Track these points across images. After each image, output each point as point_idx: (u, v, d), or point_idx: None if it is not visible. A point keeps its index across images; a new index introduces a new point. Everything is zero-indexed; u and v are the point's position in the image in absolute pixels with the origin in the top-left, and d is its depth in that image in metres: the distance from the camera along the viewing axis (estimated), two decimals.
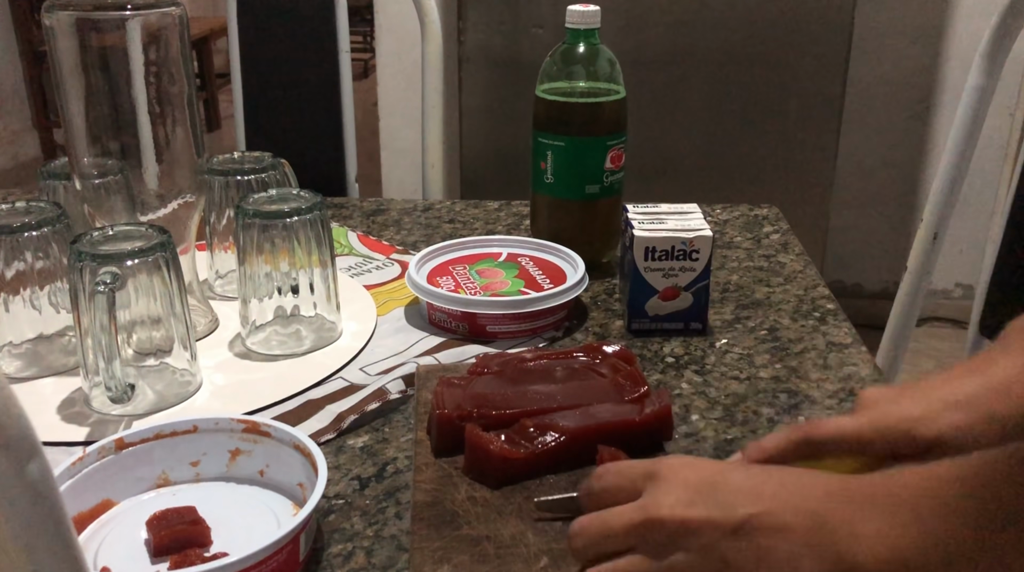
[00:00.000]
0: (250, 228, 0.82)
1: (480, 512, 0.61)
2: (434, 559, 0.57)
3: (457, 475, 0.66)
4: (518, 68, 2.02)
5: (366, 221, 1.20)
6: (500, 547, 0.58)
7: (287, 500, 0.64)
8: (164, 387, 0.77)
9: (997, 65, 1.10)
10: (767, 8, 1.96)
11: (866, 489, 0.46)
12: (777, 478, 0.49)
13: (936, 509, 0.42)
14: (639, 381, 0.72)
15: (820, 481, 0.48)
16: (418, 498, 0.63)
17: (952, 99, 2.42)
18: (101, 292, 0.68)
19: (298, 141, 1.63)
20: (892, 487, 0.45)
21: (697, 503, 0.48)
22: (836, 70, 2.00)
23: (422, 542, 0.59)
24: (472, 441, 0.66)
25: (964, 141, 1.14)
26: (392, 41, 2.47)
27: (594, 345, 0.78)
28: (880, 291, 2.62)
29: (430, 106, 1.53)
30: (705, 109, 2.05)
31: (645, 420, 0.68)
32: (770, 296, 0.98)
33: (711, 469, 0.51)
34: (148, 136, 0.81)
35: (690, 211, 0.91)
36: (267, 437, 0.65)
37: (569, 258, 0.96)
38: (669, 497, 0.49)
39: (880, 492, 0.45)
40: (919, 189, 2.53)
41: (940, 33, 2.40)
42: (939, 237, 1.18)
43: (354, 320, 0.90)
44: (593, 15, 0.98)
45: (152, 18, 0.78)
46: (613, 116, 1.00)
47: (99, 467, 0.63)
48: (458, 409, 0.68)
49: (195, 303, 0.87)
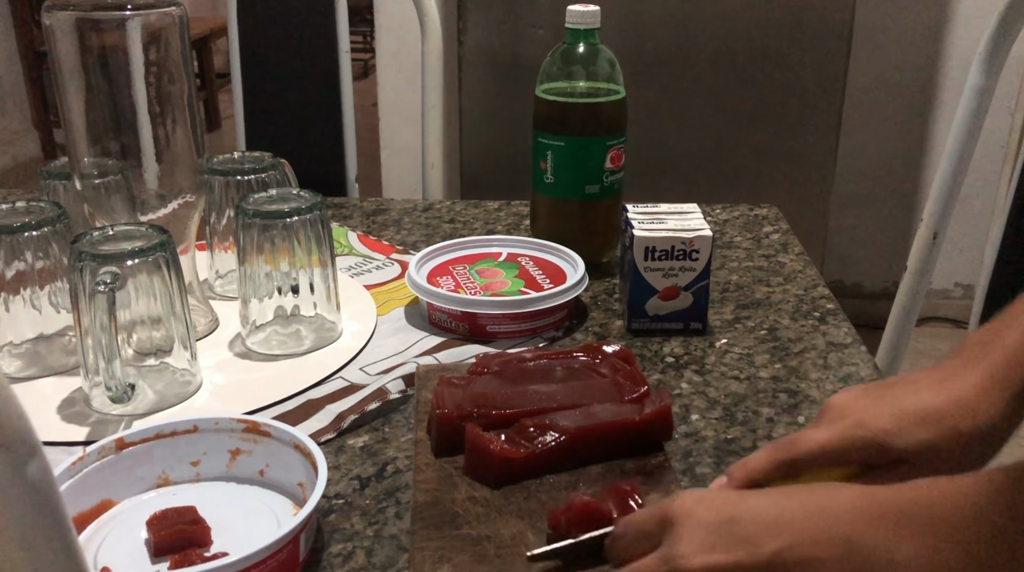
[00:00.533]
0: (250, 228, 0.82)
1: (480, 512, 0.62)
2: (434, 559, 0.57)
3: (457, 475, 0.66)
4: (518, 68, 2.02)
5: (366, 221, 1.20)
6: (500, 547, 0.58)
7: (287, 500, 0.64)
8: (164, 387, 0.77)
9: (997, 65, 1.10)
10: (767, 8, 1.96)
11: (894, 508, 0.44)
12: (796, 503, 0.48)
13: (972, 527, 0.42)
14: (639, 381, 0.72)
15: (842, 499, 0.46)
16: (418, 498, 0.63)
17: (952, 99, 2.42)
18: (101, 292, 0.68)
19: (298, 141, 1.63)
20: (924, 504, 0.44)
21: (718, 546, 0.47)
22: (836, 70, 2.00)
23: (422, 542, 0.59)
24: (472, 441, 0.66)
25: (964, 141, 1.14)
26: (392, 41, 2.47)
27: (594, 345, 0.78)
28: (880, 291, 2.62)
29: (430, 106, 1.53)
30: (705, 109, 2.04)
31: (645, 420, 0.68)
32: (770, 296, 0.98)
33: (725, 503, 0.49)
34: (148, 136, 0.81)
35: (690, 211, 0.91)
36: (267, 437, 0.65)
37: (569, 258, 0.96)
38: (690, 545, 0.48)
39: (915, 511, 0.44)
40: (919, 189, 2.53)
41: (940, 33, 2.40)
42: (939, 237, 1.18)
43: (354, 320, 0.90)
44: (593, 15, 0.98)
45: (152, 18, 0.78)
46: (613, 116, 1.00)
47: (99, 467, 0.63)
48: (458, 409, 0.68)
49: (195, 303, 0.87)
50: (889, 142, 2.50)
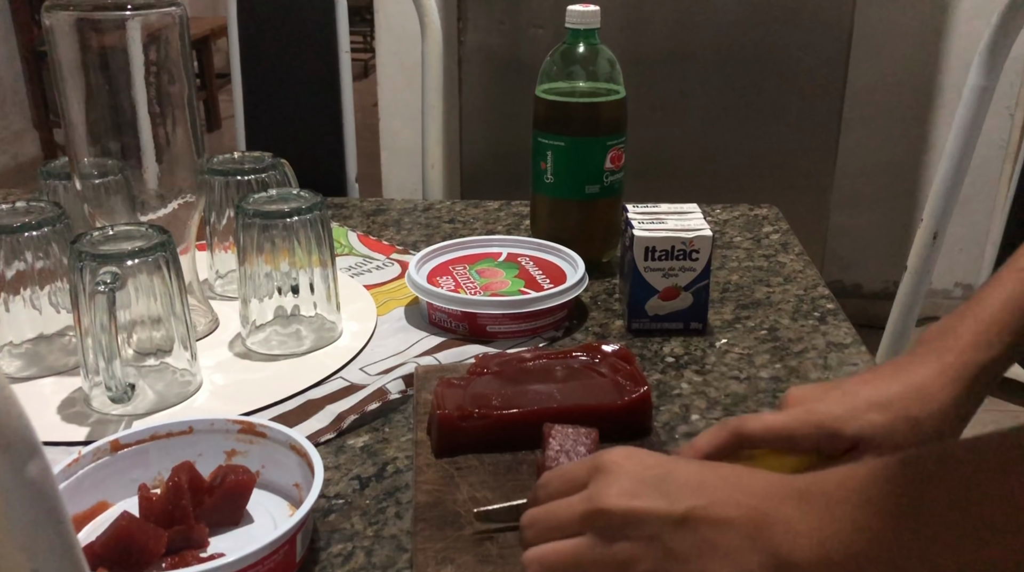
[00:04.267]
0: (250, 228, 0.82)
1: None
2: (437, 560, 0.57)
3: (459, 476, 0.66)
4: (518, 68, 2.02)
5: (366, 221, 1.20)
6: (503, 547, 0.58)
7: (283, 501, 0.64)
8: (164, 387, 0.77)
9: (997, 65, 1.10)
10: (767, 8, 1.96)
11: (801, 487, 0.47)
12: (720, 473, 0.51)
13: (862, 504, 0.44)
14: (640, 381, 0.72)
15: (760, 478, 0.49)
16: (420, 499, 0.63)
17: (952, 99, 2.42)
18: (101, 292, 0.68)
19: (298, 141, 1.63)
20: (826, 485, 0.46)
21: (642, 494, 0.49)
22: (836, 70, 2.00)
23: (425, 543, 0.59)
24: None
25: (964, 141, 1.14)
26: (392, 41, 2.47)
27: (593, 345, 0.78)
28: (880, 291, 2.62)
29: (430, 106, 1.53)
30: (705, 109, 2.04)
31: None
32: (770, 296, 0.98)
33: (655, 461, 0.52)
34: (148, 136, 0.81)
35: (690, 211, 0.91)
36: (263, 438, 0.65)
37: (569, 258, 0.96)
38: (614, 488, 0.50)
39: (815, 490, 0.47)
40: (919, 189, 2.53)
41: (940, 33, 2.40)
42: (939, 237, 1.18)
43: (354, 320, 0.90)
44: (593, 15, 0.98)
45: (152, 18, 0.78)
46: (613, 116, 1.00)
47: (94, 469, 0.62)
48: (459, 409, 0.68)
49: (195, 303, 0.87)
50: (889, 142, 2.50)
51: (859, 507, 0.44)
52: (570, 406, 0.69)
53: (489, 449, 0.68)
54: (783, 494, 0.47)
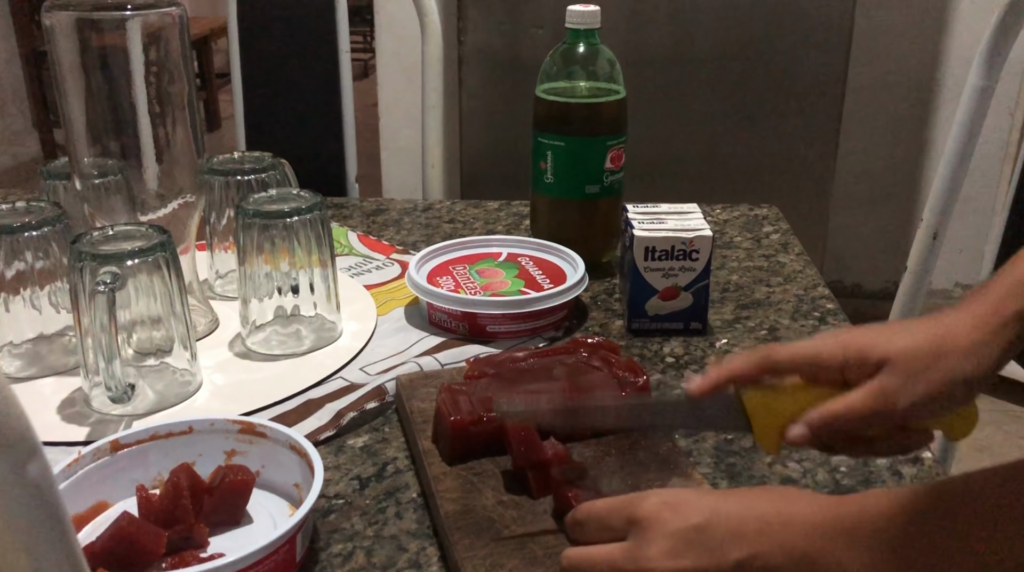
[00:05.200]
0: (250, 228, 0.82)
1: (515, 515, 0.61)
2: (486, 566, 0.56)
3: (479, 481, 0.65)
4: (518, 68, 2.02)
5: (366, 221, 1.20)
6: (547, 547, 0.57)
7: (283, 501, 0.64)
8: (164, 387, 0.77)
9: (997, 65, 1.10)
10: (767, 8, 1.96)
11: (847, 522, 0.47)
12: (758, 512, 0.50)
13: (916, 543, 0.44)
14: (638, 371, 0.72)
15: (802, 512, 0.49)
16: (446, 508, 0.62)
17: (952, 99, 2.42)
18: (101, 292, 0.68)
19: (298, 141, 1.63)
20: (874, 519, 0.47)
21: (686, 553, 0.49)
22: (836, 70, 2.00)
23: (467, 551, 0.58)
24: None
25: (964, 141, 1.14)
26: (392, 41, 2.47)
27: (576, 340, 0.78)
28: (880, 291, 2.62)
29: (430, 106, 1.53)
30: (705, 109, 2.04)
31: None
32: (770, 296, 0.98)
33: (691, 509, 0.52)
34: (148, 136, 0.81)
35: (690, 211, 0.91)
36: (263, 438, 0.65)
37: (569, 258, 0.96)
38: (656, 548, 0.50)
39: (864, 527, 0.47)
40: (919, 189, 2.53)
41: (940, 33, 2.40)
42: (939, 237, 1.18)
43: (354, 320, 0.90)
44: (593, 15, 0.98)
45: (152, 18, 0.78)
46: (613, 116, 1.00)
47: (94, 469, 0.62)
48: (470, 414, 0.68)
49: (195, 303, 0.87)
50: (889, 142, 2.50)
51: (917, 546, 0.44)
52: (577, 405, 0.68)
53: (501, 452, 0.67)
54: (829, 533, 0.47)
